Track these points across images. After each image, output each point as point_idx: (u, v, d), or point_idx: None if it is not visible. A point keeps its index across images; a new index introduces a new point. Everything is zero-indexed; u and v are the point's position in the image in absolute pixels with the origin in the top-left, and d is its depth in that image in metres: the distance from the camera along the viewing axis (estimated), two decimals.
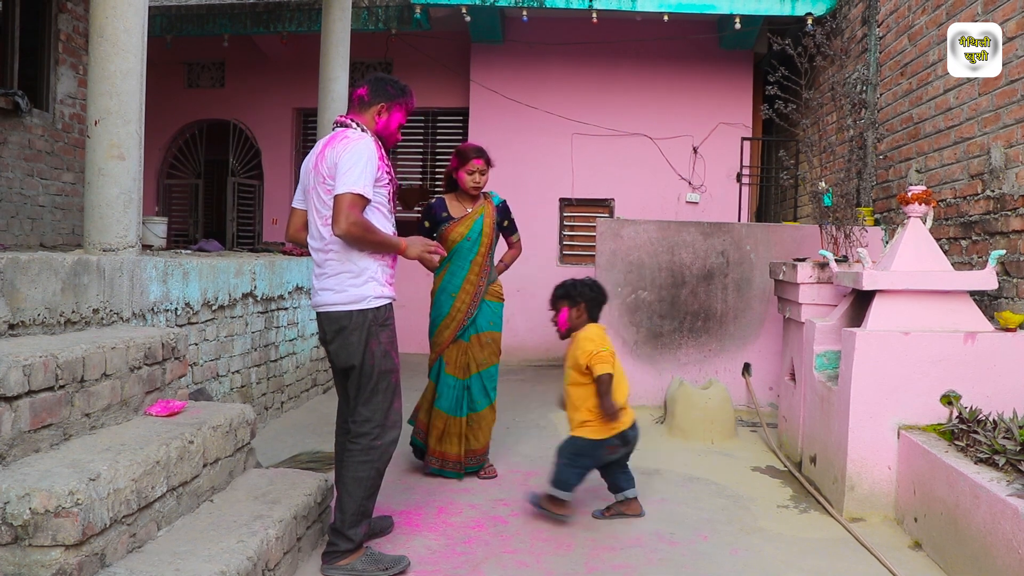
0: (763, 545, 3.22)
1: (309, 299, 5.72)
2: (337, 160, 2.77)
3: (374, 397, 2.83)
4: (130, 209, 3.48)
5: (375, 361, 2.82)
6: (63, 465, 2.12)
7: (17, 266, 2.61)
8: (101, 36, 3.39)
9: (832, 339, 4.04)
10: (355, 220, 2.71)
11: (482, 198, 4.04)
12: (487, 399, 4.01)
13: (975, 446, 3.01)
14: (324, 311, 2.86)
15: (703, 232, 5.71)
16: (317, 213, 2.86)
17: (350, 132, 2.88)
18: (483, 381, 3.99)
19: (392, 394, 2.87)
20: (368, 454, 2.81)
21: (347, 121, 2.93)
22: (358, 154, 2.76)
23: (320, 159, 2.86)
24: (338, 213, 2.71)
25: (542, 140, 8.12)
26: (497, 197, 4.12)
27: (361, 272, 2.81)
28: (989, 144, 4.28)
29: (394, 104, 2.98)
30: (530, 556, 3.05)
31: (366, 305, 2.81)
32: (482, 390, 3.99)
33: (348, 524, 2.78)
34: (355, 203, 2.72)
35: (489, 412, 4.02)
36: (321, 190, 2.83)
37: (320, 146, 2.92)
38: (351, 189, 2.71)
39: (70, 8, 6.56)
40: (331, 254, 2.83)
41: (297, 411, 5.48)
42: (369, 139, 2.85)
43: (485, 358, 3.99)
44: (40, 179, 6.35)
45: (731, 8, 7.09)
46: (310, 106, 8.11)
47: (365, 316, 2.81)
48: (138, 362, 2.79)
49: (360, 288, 2.81)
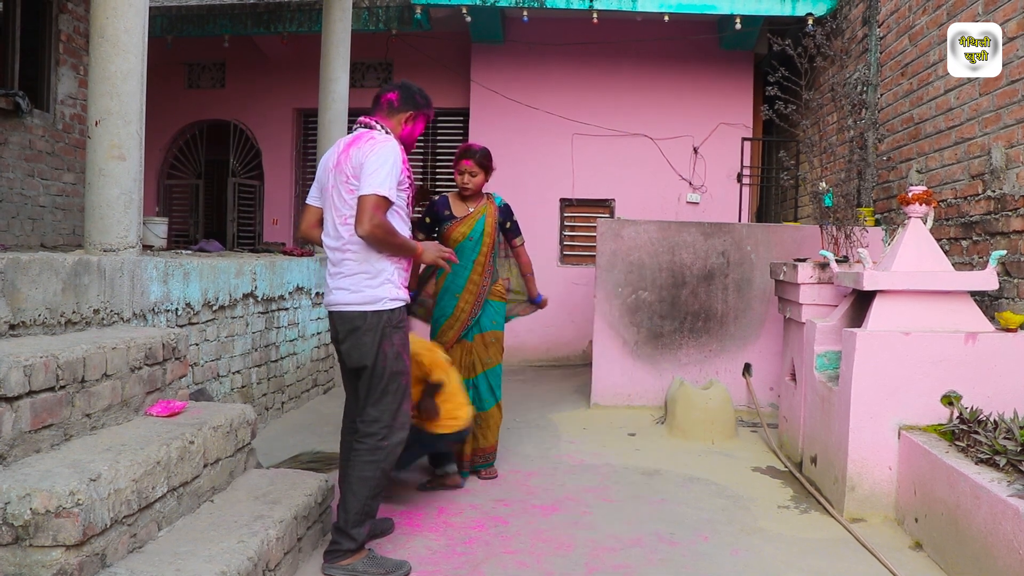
0: (763, 545, 3.22)
1: (309, 299, 5.72)
2: (363, 160, 2.77)
3: (384, 398, 2.83)
4: (131, 209, 3.48)
5: (387, 363, 2.82)
6: (64, 465, 2.12)
7: (18, 266, 2.61)
8: (102, 37, 3.39)
9: (833, 339, 4.03)
10: (379, 222, 2.73)
11: (484, 198, 4.05)
12: (493, 398, 4.03)
13: (976, 446, 3.00)
14: (338, 310, 2.86)
15: (704, 232, 5.71)
16: (336, 212, 2.86)
17: (376, 134, 2.88)
18: (489, 380, 4.01)
19: (402, 396, 2.88)
20: (375, 454, 2.81)
21: (372, 123, 2.94)
22: (384, 156, 2.77)
23: (343, 158, 2.85)
24: (362, 213, 2.72)
25: (542, 140, 8.12)
26: (499, 198, 4.12)
27: (378, 273, 2.81)
28: (990, 144, 4.28)
29: (419, 113, 3.03)
30: (530, 557, 3.05)
31: (381, 307, 2.81)
32: (488, 389, 4.01)
33: (351, 524, 2.77)
34: (379, 205, 2.73)
35: (496, 411, 4.05)
36: (343, 189, 2.83)
37: (343, 144, 2.92)
38: (377, 191, 2.72)
39: (71, 9, 6.56)
40: (348, 254, 2.83)
41: (298, 411, 5.48)
42: (395, 142, 2.86)
43: (490, 357, 4.01)
44: (41, 179, 6.35)
45: (732, 8, 7.09)
46: (311, 106, 8.10)
47: (380, 317, 2.81)
48: (139, 362, 2.79)
49: (376, 289, 2.81)
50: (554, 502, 3.70)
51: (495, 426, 4.04)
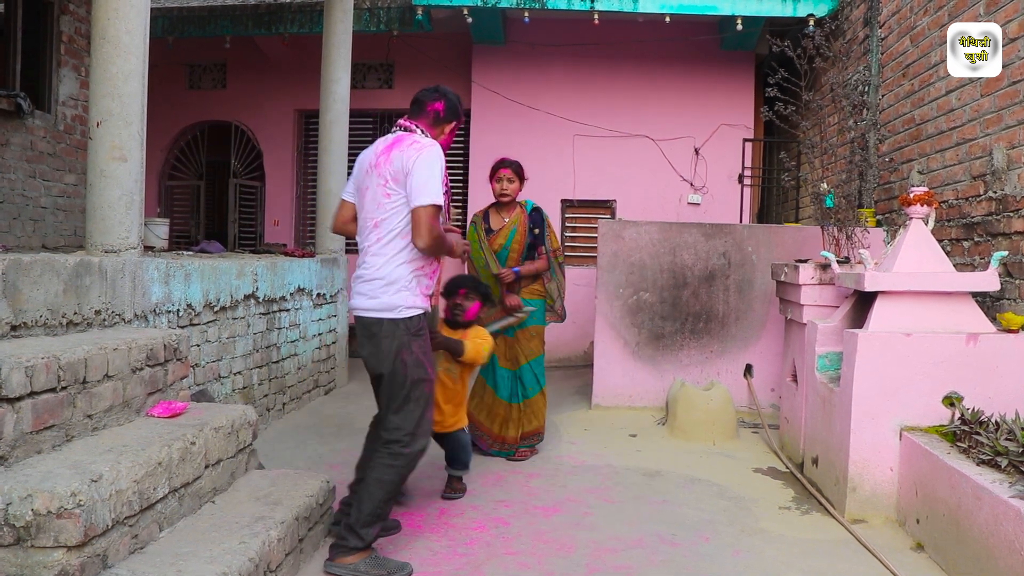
0: (765, 546, 3.22)
1: (310, 300, 5.73)
2: (410, 167, 2.76)
3: (406, 405, 2.83)
4: (132, 210, 3.48)
5: (407, 370, 2.81)
6: (65, 466, 2.12)
7: (19, 267, 2.61)
8: (103, 38, 3.40)
9: (834, 340, 4.03)
10: (437, 233, 2.77)
11: (517, 208, 4.48)
12: (538, 385, 4.46)
13: (977, 447, 3.00)
14: (358, 315, 2.88)
15: (705, 233, 5.70)
16: (367, 214, 2.87)
17: (418, 137, 2.88)
18: (533, 370, 4.44)
19: (425, 403, 2.86)
20: (396, 459, 2.82)
21: (412, 127, 2.93)
22: (431, 163, 2.78)
23: (383, 160, 2.84)
24: (420, 226, 2.73)
25: (543, 141, 8.12)
26: (531, 204, 4.51)
27: (394, 281, 2.81)
28: (991, 145, 4.28)
29: (457, 124, 3.11)
30: (531, 558, 3.04)
31: (397, 315, 2.80)
32: (533, 378, 4.44)
33: (362, 523, 2.78)
34: (434, 215, 2.76)
35: (540, 397, 4.48)
36: (379, 192, 2.82)
37: (382, 146, 2.90)
38: (434, 201, 2.74)
39: (72, 10, 6.57)
40: (368, 257, 2.86)
41: (299, 412, 5.48)
42: (438, 148, 2.88)
43: (532, 349, 4.44)
44: (42, 180, 6.36)
45: (733, 9, 7.08)
46: (312, 107, 8.09)
47: (396, 325, 2.80)
48: (140, 363, 2.79)
49: (392, 297, 2.80)
50: (555, 503, 3.70)
51: (541, 410, 4.49)
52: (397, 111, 8.69)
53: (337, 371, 6.39)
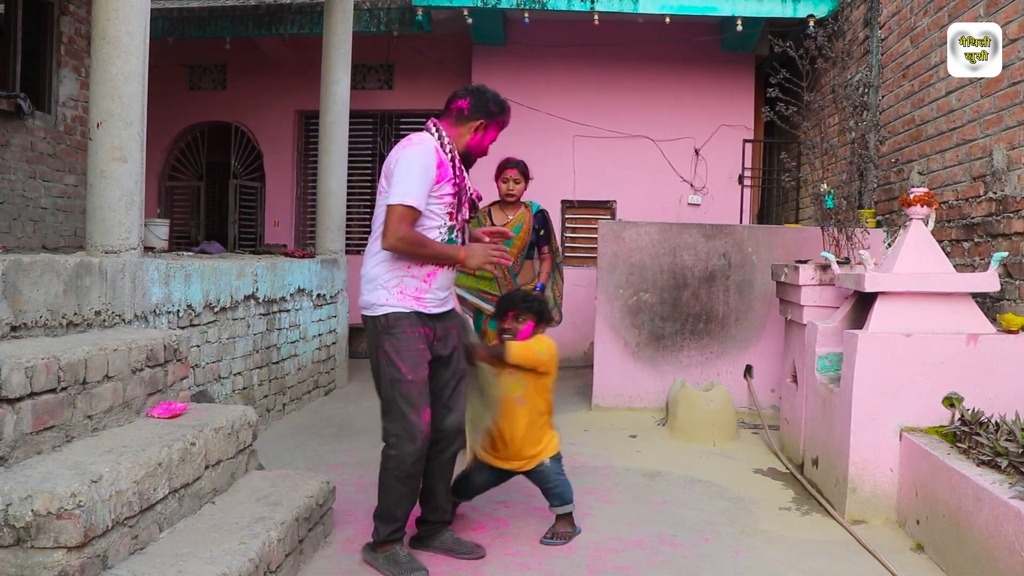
0: (765, 547, 3.22)
1: (311, 301, 5.73)
2: (392, 166, 2.76)
3: (390, 407, 2.83)
4: (132, 211, 3.48)
5: (382, 369, 2.82)
6: (65, 467, 2.12)
7: (19, 268, 2.62)
8: (103, 39, 3.40)
9: (834, 341, 4.03)
10: (402, 235, 2.67)
11: (522, 207, 4.48)
12: None
13: (977, 448, 3.00)
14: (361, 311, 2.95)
15: (705, 234, 5.70)
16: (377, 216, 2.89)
17: (415, 135, 2.87)
18: None
19: (408, 405, 2.76)
20: (386, 462, 2.84)
21: (431, 126, 2.89)
22: (410, 162, 2.71)
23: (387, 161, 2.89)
24: (386, 226, 2.68)
25: (543, 142, 8.11)
26: (536, 205, 4.51)
27: (372, 280, 2.84)
28: (991, 146, 4.28)
29: (492, 122, 2.98)
30: (532, 559, 3.04)
31: (372, 312, 2.84)
32: None
33: (376, 517, 2.90)
34: (405, 216, 2.67)
35: None
36: (380, 192, 2.85)
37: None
38: (402, 200, 2.67)
39: (72, 11, 6.57)
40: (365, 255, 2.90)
41: (299, 413, 5.48)
42: (428, 145, 2.77)
43: None
44: (42, 181, 6.36)
45: (733, 10, 7.09)
46: (312, 108, 8.09)
47: (374, 323, 2.83)
48: (140, 364, 2.79)
49: (369, 295, 2.84)
50: None
51: None
52: (397, 112, 8.71)
53: (337, 372, 6.39)
